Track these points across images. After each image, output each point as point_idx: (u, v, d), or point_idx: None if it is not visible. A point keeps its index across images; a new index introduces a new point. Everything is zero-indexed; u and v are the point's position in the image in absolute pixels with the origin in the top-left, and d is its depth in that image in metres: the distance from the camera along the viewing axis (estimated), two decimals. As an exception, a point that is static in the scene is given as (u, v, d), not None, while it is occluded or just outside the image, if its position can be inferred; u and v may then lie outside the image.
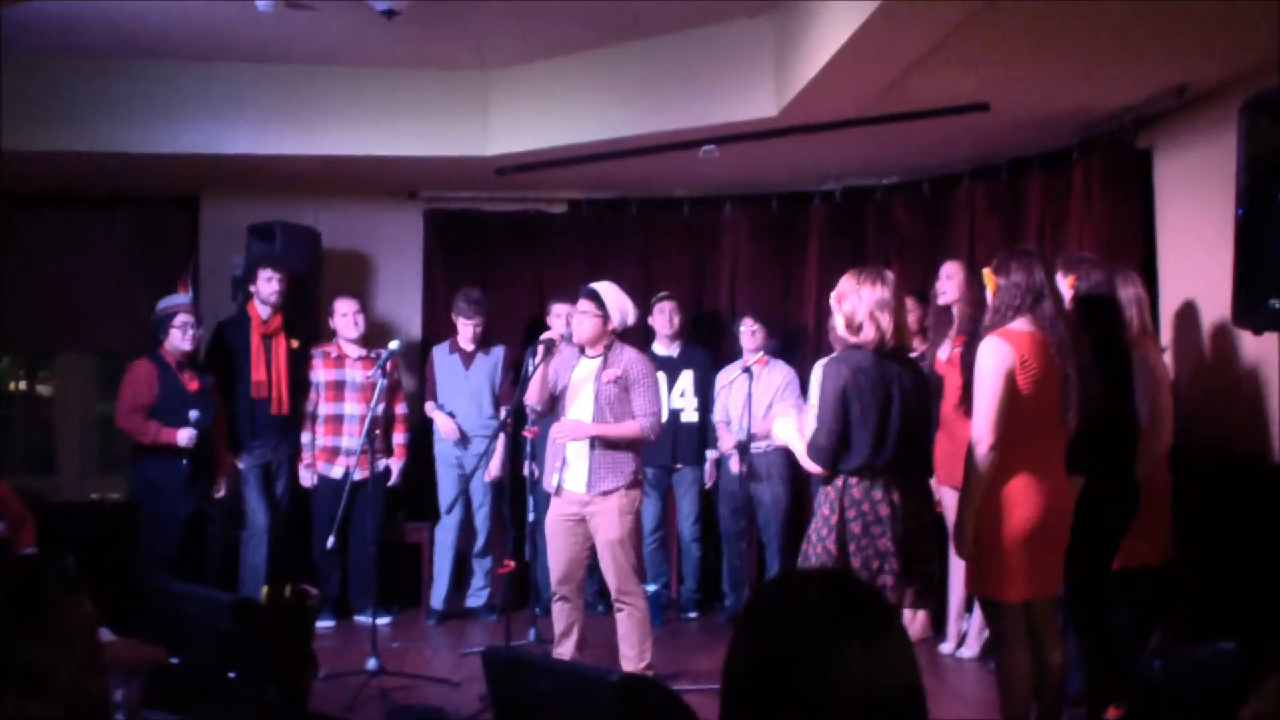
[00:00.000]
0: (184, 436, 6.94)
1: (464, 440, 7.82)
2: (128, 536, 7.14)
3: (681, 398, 7.89)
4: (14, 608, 1.39)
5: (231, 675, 3.39)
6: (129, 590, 6.32)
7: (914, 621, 7.01)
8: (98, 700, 1.41)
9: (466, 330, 7.87)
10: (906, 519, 4.54)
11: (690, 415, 7.90)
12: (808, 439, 4.68)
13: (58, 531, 6.68)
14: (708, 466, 7.95)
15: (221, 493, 7.32)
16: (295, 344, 7.71)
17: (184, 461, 6.97)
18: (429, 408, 7.98)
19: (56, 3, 5.92)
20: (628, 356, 5.95)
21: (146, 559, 6.95)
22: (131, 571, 6.83)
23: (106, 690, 1.47)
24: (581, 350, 5.97)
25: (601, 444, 5.83)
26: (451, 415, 7.83)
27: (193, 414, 6.96)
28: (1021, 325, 4.51)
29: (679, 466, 7.94)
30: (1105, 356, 4.70)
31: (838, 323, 4.70)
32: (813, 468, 4.67)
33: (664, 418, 6.43)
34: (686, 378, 7.95)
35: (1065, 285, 4.85)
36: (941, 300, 6.67)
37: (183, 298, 7.52)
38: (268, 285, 7.60)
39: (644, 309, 8.21)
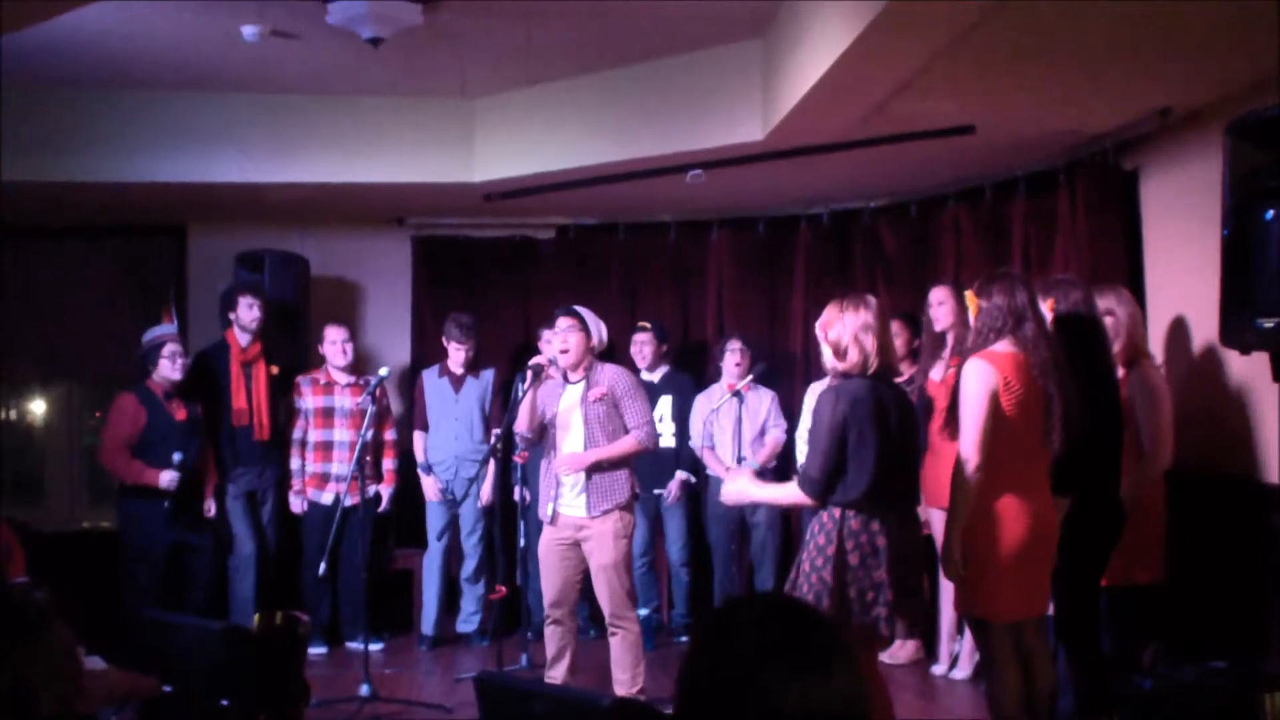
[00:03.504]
0: (165, 479, 6.93)
1: (451, 499, 7.79)
2: (117, 566, 7.12)
3: (660, 423, 7.85)
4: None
5: (224, 703, 3.39)
6: (117, 620, 6.34)
7: (905, 645, 7.01)
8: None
9: (459, 355, 7.84)
10: (899, 548, 4.53)
11: (668, 440, 7.85)
12: (799, 469, 4.68)
13: (47, 561, 6.66)
14: (673, 484, 7.92)
15: (211, 513, 7.31)
16: (275, 370, 7.71)
17: (165, 504, 6.97)
18: (418, 446, 7.93)
19: (42, 34, 5.92)
20: (610, 373, 6.00)
21: (130, 591, 6.92)
22: (120, 601, 6.83)
23: (91, 716, 1.47)
24: (565, 379, 6.00)
25: (598, 466, 5.86)
26: (434, 471, 7.85)
27: (176, 456, 6.94)
28: (1004, 347, 4.53)
29: (659, 492, 7.92)
30: (1084, 376, 4.71)
31: (825, 353, 4.66)
32: (801, 499, 4.65)
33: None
34: (665, 403, 7.96)
35: (1046, 309, 4.86)
36: (938, 327, 6.64)
37: (168, 328, 7.51)
38: (248, 313, 7.59)
39: (630, 334, 8.22)
